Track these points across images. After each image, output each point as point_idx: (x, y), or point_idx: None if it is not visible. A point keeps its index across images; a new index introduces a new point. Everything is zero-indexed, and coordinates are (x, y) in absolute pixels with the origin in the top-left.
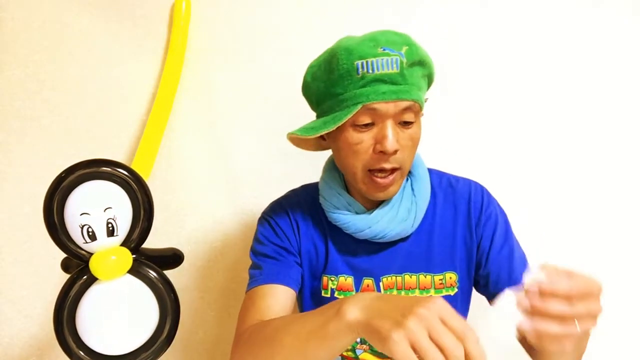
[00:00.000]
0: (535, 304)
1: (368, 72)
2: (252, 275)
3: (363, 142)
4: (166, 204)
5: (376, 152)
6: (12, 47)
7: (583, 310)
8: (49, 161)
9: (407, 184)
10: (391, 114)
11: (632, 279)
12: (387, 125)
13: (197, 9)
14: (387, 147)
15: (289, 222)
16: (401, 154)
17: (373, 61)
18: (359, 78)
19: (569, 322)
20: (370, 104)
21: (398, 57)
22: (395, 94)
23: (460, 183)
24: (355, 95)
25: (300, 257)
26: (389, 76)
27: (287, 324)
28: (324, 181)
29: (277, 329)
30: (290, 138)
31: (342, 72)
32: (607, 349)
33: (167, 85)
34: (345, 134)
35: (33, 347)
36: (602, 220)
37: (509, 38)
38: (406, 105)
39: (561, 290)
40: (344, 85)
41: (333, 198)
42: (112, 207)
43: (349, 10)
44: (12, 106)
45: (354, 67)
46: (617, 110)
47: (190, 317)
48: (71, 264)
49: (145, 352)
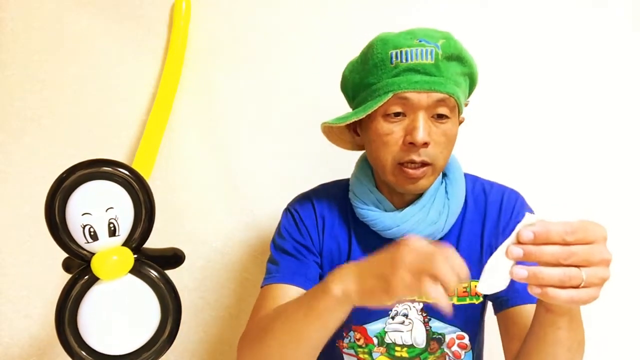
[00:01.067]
0: (528, 249)
1: (402, 62)
2: (268, 270)
3: (393, 133)
4: (166, 204)
5: (406, 144)
6: (12, 47)
7: (582, 255)
8: (49, 161)
9: (441, 186)
10: (423, 105)
11: (632, 279)
12: (418, 116)
13: (197, 9)
14: (417, 139)
15: (314, 218)
16: (433, 149)
17: (407, 51)
18: (392, 67)
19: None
20: (402, 92)
21: (434, 49)
22: (428, 84)
23: (494, 189)
24: (387, 84)
25: (321, 257)
26: (422, 66)
27: (281, 310)
28: (356, 177)
29: (273, 318)
30: (323, 130)
31: (377, 62)
32: (607, 348)
33: (167, 85)
34: (376, 124)
35: (33, 347)
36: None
37: (509, 38)
38: (440, 98)
39: (555, 233)
40: (378, 74)
41: (363, 194)
42: (113, 207)
43: (348, 10)
44: (12, 106)
45: (388, 56)
46: (618, 110)
47: (190, 317)
48: (73, 264)
49: (146, 352)
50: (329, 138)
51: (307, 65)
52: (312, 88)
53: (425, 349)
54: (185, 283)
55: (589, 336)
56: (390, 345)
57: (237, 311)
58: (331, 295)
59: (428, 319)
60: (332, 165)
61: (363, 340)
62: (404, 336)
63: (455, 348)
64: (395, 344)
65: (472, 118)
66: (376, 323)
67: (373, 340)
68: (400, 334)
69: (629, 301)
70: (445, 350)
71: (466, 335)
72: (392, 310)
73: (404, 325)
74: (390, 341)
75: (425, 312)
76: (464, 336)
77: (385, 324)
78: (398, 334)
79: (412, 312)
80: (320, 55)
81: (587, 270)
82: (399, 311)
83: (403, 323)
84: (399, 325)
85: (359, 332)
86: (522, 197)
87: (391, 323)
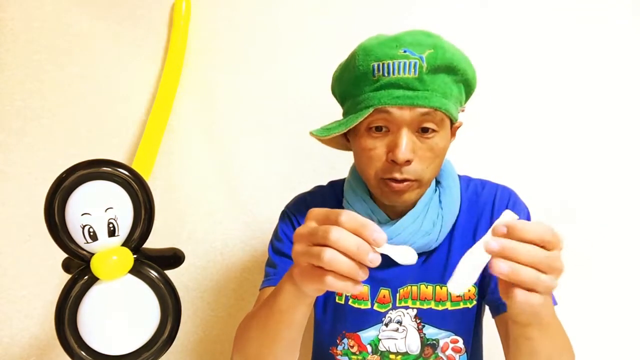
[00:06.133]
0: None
1: (384, 75)
2: (266, 274)
3: (376, 149)
4: (166, 204)
5: (388, 161)
6: (12, 47)
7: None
8: (49, 161)
9: (434, 194)
10: (407, 120)
11: (632, 279)
12: (401, 133)
13: (197, 9)
14: (399, 156)
15: None
16: (418, 165)
17: (389, 64)
18: (374, 80)
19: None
20: (384, 107)
21: (417, 61)
22: (410, 99)
23: (486, 189)
24: (368, 98)
25: None
26: (404, 81)
27: (255, 311)
28: (349, 184)
29: (250, 318)
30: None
31: (359, 74)
32: (607, 349)
33: (167, 85)
34: (361, 138)
35: (33, 347)
36: (605, 221)
37: (509, 38)
38: (424, 112)
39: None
40: (360, 87)
41: (357, 204)
42: (113, 207)
43: (348, 10)
44: (12, 106)
45: (370, 69)
46: (618, 111)
47: (190, 317)
48: (72, 264)
49: (146, 352)
50: (321, 140)
51: (307, 65)
52: (312, 88)
53: (419, 355)
54: (185, 283)
55: (589, 336)
56: (385, 353)
57: (236, 311)
58: (285, 287)
59: (422, 326)
60: (332, 165)
61: (357, 347)
62: (398, 343)
63: (449, 352)
64: (389, 352)
65: (472, 118)
66: (369, 330)
67: (367, 348)
68: (394, 342)
69: (629, 301)
70: (440, 355)
71: (460, 339)
72: (385, 317)
73: (398, 332)
74: (384, 349)
75: (419, 319)
76: (458, 340)
77: (379, 331)
78: (392, 341)
79: (405, 319)
80: (320, 55)
81: (546, 277)
82: (393, 318)
83: (397, 330)
84: (393, 332)
85: (352, 339)
86: (515, 194)
87: (385, 330)
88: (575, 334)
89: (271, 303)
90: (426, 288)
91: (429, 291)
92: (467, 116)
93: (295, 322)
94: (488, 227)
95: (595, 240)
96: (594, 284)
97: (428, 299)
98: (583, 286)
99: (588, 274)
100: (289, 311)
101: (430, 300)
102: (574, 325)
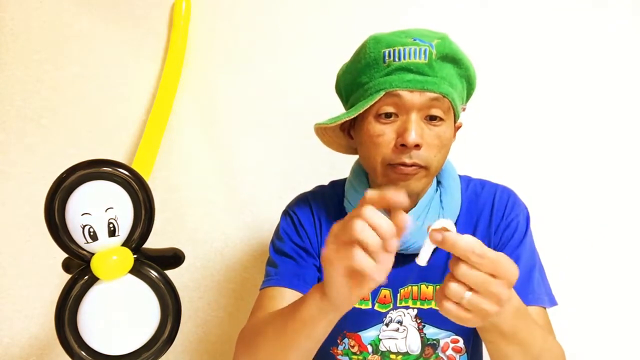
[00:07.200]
0: None
1: (394, 61)
2: (267, 273)
3: (385, 135)
4: (166, 204)
5: (397, 146)
6: (12, 47)
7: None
8: (49, 161)
9: (435, 194)
10: (416, 105)
11: (632, 279)
12: (410, 117)
13: (197, 9)
14: (409, 140)
15: (312, 220)
16: (426, 152)
17: (400, 49)
18: (384, 66)
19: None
20: (394, 91)
21: (427, 48)
22: (420, 84)
23: (485, 189)
24: (379, 83)
25: (319, 260)
26: (415, 65)
27: (272, 317)
28: (350, 183)
29: (265, 323)
30: (317, 132)
31: (369, 61)
32: (607, 349)
33: (167, 85)
34: (368, 125)
35: (33, 347)
36: (605, 221)
37: (509, 38)
38: (433, 97)
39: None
40: (370, 74)
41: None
42: (113, 207)
43: (348, 10)
44: (12, 106)
45: (380, 55)
46: (617, 110)
47: (190, 317)
48: (72, 264)
49: (146, 352)
50: (323, 140)
51: (307, 65)
52: (312, 88)
53: (419, 355)
54: (185, 283)
55: (589, 336)
56: (385, 353)
57: (236, 311)
58: (312, 301)
59: (422, 326)
60: (333, 165)
61: (357, 347)
62: (399, 343)
63: (449, 352)
64: (390, 352)
65: (472, 118)
66: (370, 330)
67: (367, 348)
68: (395, 342)
69: (629, 301)
70: (440, 355)
71: (461, 339)
72: (386, 317)
73: (399, 332)
74: (385, 349)
75: (420, 319)
76: (459, 340)
77: (379, 331)
78: (392, 341)
79: (406, 319)
80: (320, 55)
81: (473, 296)
82: (393, 318)
83: (397, 330)
84: (394, 332)
85: (353, 339)
86: (515, 195)
87: (385, 330)
88: (576, 334)
89: (293, 311)
90: (427, 288)
91: (430, 291)
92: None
93: (315, 335)
94: (487, 227)
95: (595, 240)
96: (594, 284)
97: (428, 299)
98: (583, 286)
99: (588, 274)
100: (311, 323)
101: (431, 300)
102: (574, 325)
